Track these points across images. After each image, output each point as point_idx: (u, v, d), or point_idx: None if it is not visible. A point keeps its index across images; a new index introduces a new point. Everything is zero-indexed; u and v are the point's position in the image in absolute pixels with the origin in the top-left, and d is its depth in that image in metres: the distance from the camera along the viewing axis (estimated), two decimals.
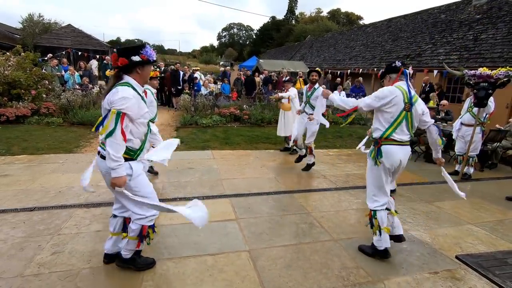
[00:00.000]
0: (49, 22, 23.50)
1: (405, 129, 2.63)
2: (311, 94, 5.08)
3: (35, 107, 8.02)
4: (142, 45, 2.19)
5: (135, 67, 2.17)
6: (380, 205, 2.77)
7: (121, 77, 2.17)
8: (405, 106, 2.58)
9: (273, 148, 6.86)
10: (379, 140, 2.68)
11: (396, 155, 2.63)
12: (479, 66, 7.33)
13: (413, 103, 2.60)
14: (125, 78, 2.17)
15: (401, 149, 2.64)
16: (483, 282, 2.46)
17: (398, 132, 2.62)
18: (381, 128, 2.66)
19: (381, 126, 2.67)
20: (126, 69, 2.17)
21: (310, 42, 26.19)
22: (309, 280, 2.44)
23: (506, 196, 4.46)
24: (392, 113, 2.59)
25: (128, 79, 2.18)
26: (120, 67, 2.14)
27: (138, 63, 2.16)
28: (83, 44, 19.34)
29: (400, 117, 2.59)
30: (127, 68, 2.16)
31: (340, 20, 45.09)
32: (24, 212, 3.36)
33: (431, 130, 2.73)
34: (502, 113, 7.74)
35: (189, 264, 2.56)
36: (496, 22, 10.22)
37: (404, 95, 2.58)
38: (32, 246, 2.71)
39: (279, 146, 6.88)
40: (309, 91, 5.10)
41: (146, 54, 2.17)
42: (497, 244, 3.14)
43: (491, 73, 4.67)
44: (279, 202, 3.98)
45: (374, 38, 17.03)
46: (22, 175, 4.49)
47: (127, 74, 2.18)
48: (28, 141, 6.19)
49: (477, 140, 5.21)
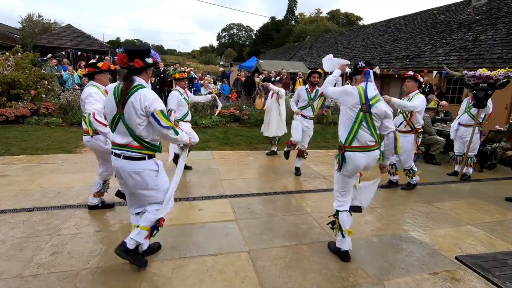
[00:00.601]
0: (49, 22, 23.50)
1: (367, 132, 2.58)
2: (314, 96, 4.84)
3: (35, 107, 8.01)
4: (149, 48, 2.27)
5: (146, 69, 2.23)
6: (342, 206, 2.76)
7: (133, 79, 2.17)
8: (362, 106, 2.54)
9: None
10: (342, 146, 2.66)
11: (359, 161, 2.61)
12: (479, 67, 7.34)
13: (371, 104, 2.54)
14: (137, 80, 2.18)
15: (365, 155, 2.60)
16: (482, 283, 2.46)
17: (361, 136, 2.57)
18: (344, 133, 2.64)
19: (344, 131, 2.65)
20: (137, 71, 2.19)
21: (310, 42, 26.21)
22: (309, 280, 2.44)
23: (506, 197, 4.46)
24: (349, 115, 2.59)
25: (141, 80, 2.21)
26: (133, 68, 2.16)
27: (150, 65, 2.23)
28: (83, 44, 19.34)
29: (358, 118, 2.55)
30: (138, 70, 2.18)
31: (339, 20, 45.15)
32: (23, 213, 3.35)
33: (390, 138, 2.67)
34: (501, 114, 7.76)
35: (189, 265, 2.55)
36: (495, 23, 10.25)
37: (361, 95, 2.54)
38: (31, 247, 2.71)
39: (278, 146, 6.86)
40: (312, 93, 4.85)
41: (155, 56, 2.29)
42: (496, 244, 3.14)
43: (490, 74, 4.67)
44: (279, 202, 3.98)
45: (374, 38, 17.05)
46: (21, 175, 4.48)
47: (137, 76, 2.20)
48: (27, 142, 6.18)
49: (476, 141, 5.21)
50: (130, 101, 2.11)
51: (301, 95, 4.93)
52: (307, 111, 4.94)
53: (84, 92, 3.09)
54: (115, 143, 2.25)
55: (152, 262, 2.57)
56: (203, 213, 3.54)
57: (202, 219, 3.40)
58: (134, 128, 2.17)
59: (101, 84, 3.21)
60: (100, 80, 3.23)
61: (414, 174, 4.59)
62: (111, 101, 2.20)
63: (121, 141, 2.22)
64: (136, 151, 2.22)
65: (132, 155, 2.22)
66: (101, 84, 3.21)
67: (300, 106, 4.96)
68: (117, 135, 2.25)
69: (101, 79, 3.24)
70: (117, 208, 3.58)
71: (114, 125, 2.23)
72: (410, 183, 4.67)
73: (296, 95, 5.04)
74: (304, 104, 4.93)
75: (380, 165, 2.81)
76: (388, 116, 2.62)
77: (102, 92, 3.12)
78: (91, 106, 2.97)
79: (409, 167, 4.58)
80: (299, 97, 4.99)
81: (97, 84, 3.19)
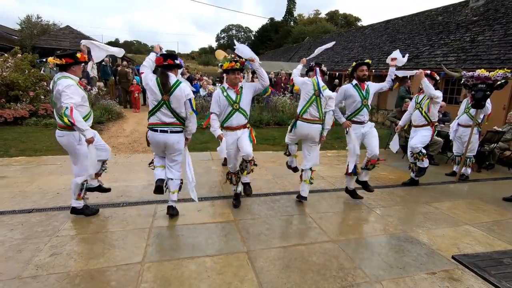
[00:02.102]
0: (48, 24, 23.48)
1: (315, 109, 3.64)
2: (367, 94, 3.86)
3: (33, 108, 8.01)
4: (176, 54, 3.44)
5: (175, 67, 3.17)
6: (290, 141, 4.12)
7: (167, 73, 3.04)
8: (315, 92, 3.64)
9: (271, 149, 6.87)
10: (297, 116, 3.75)
11: (304, 130, 3.71)
12: (476, 67, 7.37)
13: (321, 91, 3.63)
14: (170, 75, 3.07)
15: (310, 126, 3.66)
16: (479, 282, 2.47)
17: (310, 112, 3.64)
18: (300, 108, 3.73)
19: (301, 107, 3.73)
20: (170, 67, 3.10)
21: (309, 43, 26.27)
22: (307, 281, 2.44)
23: (503, 197, 4.48)
24: (306, 96, 3.69)
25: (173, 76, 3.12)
26: (166, 65, 3.08)
27: (178, 65, 3.22)
28: None
29: (311, 99, 3.65)
30: (171, 66, 3.12)
31: (338, 21, 45.24)
32: (22, 214, 3.35)
33: (329, 114, 3.70)
34: (499, 115, 7.78)
35: (188, 266, 2.56)
36: (493, 24, 10.30)
37: (314, 85, 3.67)
38: (30, 248, 2.71)
39: (278, 147, 6.88)
40: (363, 89, 3.86)
41: (180, 61, 3.29)
42: (494, 244, 3.15)
43: (489, 75, 4.70)
44: (277, 203, 3.99)
45: (372, 39, 17.10)
46: (20, 177, 4.48)
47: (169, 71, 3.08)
48: (26, 143, 6.17)
49: (474, 141, 5.24)
50: (176, 93, 3.01)
51: (352, 94, 3.86)
52: (362, 114, 3.89)
53: (61, 83, 2.91)
54: (163, 122, 3.08)
55: (151, 263, 2.57)
56: (202, 214, 3.55)
57: (201, 219, 3.41)
58: (178, 111, 3.08)
59: (75, 75, 3.08)
60: (75, 72, 3.09)
61: (423, 156, 4.56)
62: (155, 91, 3.00)
63: (168, 120, 3.08)
64: (178, 127, 3.15)
65: (176, 130, 3.14)
66: (75, 75, 3.08)
67: (352, 112, 3.91)
68: (162, 116, 3.06)
69: (76, 71, 3.10)
70: (114, 209, 3.59)
71: (158, 108, 3.04)
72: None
73: (341, 96, 3.99)
74: (357, 107, 3.87)
75: (321, 136, 3.76)
76: (331, 98, 3.69)
77: (77, 84, 3.03)
78: (69, 100, 2.82)
79: (418, 149, 4.53)
80: (346, 98, 3.98)
81: (71, 75, 3.05)
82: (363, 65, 3.86)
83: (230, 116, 3.41)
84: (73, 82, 2.99)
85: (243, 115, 3.46)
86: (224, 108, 3.42)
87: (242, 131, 3.49)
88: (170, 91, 2.98)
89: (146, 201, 3.83)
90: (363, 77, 3.85)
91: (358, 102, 3.85)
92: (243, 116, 3.47)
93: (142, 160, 5.61)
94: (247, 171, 3.51)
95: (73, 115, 2.77)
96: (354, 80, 3.94)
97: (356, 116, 3.91)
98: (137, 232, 3.08)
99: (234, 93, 3.43)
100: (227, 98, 3.39)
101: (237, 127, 3.45)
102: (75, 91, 2.94)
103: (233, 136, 3.44)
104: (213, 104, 3.45)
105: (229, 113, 3.41)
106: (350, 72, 4.01)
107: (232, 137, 3.44)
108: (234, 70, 3.38)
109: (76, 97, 2.91)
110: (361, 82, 3.88)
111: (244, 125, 3.52)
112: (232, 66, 3.37)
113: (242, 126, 3.49)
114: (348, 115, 3.97)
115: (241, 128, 3.48)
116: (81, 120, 2.84)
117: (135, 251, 2.75)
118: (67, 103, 2.80)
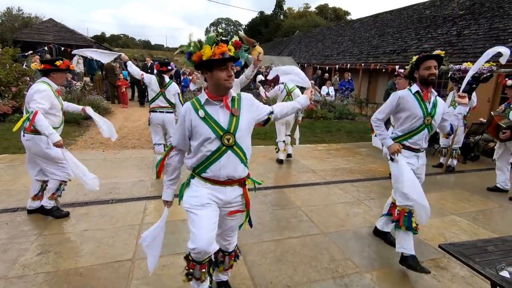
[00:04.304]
0: (29, 16, 22.66)
1: None
2: (433, 110, 2.52)
3: (16, 104, 7.74)
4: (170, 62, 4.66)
5: (168, 72, 4.46)
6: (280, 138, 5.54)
7: (163, 75, 4.37)
8: (287, 93, 5.15)
9: (263, 143, 6.87)
10: None
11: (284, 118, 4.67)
12: (463, 61, 7.51)
13: (291, 92, 5.14)
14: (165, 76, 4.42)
15: None
16: (465, 270, 2.56)
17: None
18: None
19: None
20: (164, 72, 4.39)
21: (299, 37, 26.21)
22: (299, 273, 2.47)
23: (488, 187, 4.62)
24: (282, 96, 5.21)
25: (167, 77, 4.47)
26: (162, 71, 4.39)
27: (170, 70, 4.50)
28: (66, 40, 18.71)
29: (285, 98, 5.14)
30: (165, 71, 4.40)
31: (328, 15, 45.25)
32: (6, 213, 3.26)
33: None
34: (484, 107, 7.98)
35: (179, 261, 2.54)
36: (478, 18, 10.48)
37: (286, 88, 5.18)
38: (16, 248, 2.64)
39: (269, 141, 6.89)
40: (427, 100, 2.51)
41: (172, 66, 4.59)
42: (478, 233, 3.26)
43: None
44: (269, 197, 4.00)
45: (361, 33, 17.19)
46: (3, 175, 4.35)
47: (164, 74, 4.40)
48: (9, 140, 5.98)
49: (460, 133, 5.36)
50: (169, 88, 4.39)
51: (410, 107, 2.51)
52: (421, 138, 2.55)
53: (33, 87, 2.87)
54: (160, 106, 4.35)
55: (142, 259, 2.55)
56: None
57: None
58: (171, 99, 4.40)
59: (55, 82, 3.02)
60: (55, 79, 3.03)
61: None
62: (156, 85, 4.34)
63: (164, 105, 4.37)
64: (170, 110, 4.42)
65: (169, 111, 4.42)
66: (55, 82, 3.02)
67: (406, 132, 2.57)
68: (160, 102, 4.35)
69: (57, 78, 3.04)
70: (103, 206, 3.53)
71: (157, 97, 4.35)
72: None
73: (393, 106, 2.60)
74: (414, 126, 2.52)
75: (297, 121, 5.54)
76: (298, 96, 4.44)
77: (53, 91, 2.97)
78: (36, 105, 2.75)
79: None
80: (399, 112, 2.60)
81: (50, 81, 2.99)
82: (430, 59, 2.44)
83: (216, 159, 1.73)
84: (46, 87, 2.91)
85: (240, 159, 1.77)
86: (200, 142, 1.71)
87: (236, 190, 1.84)
88: (165, 87, 4.37)
89: (136, 198, 3.78)
90: (429, 79, 2.44)
91: (418, 119, 2.50)
92: (240, 160, 1.78)
93: (131, 156, 5.53)
94: (224, 267, 2.11)
95: (35, 118, 2.67)
96: (415, 85, 2.57)
97: (410, 139, 2.56)
98: (127, 229, 3.04)
99: (225, 113, 1.74)
100: (209, 125, 1.70)
101: (227, 181, 1.78)
102: (46, 97, 2.85)
103: (217, 190, 1.79)
104: (176, 131, 1.84)
105: (213, 153, 1.72)
106: (408, 71, 2.65)
107: (214, 191, 1.79)
108: (225, 61, 1.65)
109: (45, 104, 2.82)
110: (426, 88, 2.51)
111: (242, 180, 1.84)
112: (223, 53, 1.61)
113: (238, 181, 1.83)
114: (398, 136, 2.63)
115: (234, 183, 1.82)
116: (45, 124, 2.71)
117: (125, 248, 2.71)
118: (33, 107, 2.74)
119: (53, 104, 2.95)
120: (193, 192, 1.82)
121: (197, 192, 1.80)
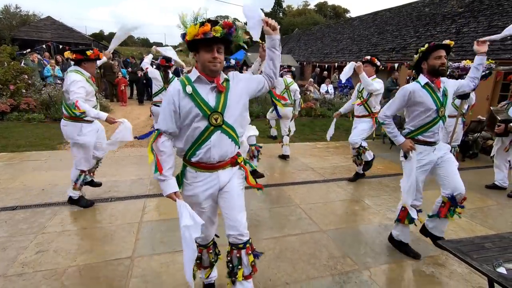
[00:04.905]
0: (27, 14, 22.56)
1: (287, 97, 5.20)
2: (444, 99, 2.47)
3: (15, 102, 7.72)
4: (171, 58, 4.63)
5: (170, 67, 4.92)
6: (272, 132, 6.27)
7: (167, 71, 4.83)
8: (285, 87, 5.34)
9: (261, 141, 6.86)
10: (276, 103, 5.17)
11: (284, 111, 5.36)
12: (462, 58, 7.50)
13: (290, 86, 5.35)
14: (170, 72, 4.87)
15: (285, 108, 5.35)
16: (463, 267, 2.57)
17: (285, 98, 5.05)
18: None
19: None
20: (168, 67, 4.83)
21: (298, 35, 26.13)
22: (298, 270, 2.48)
23: (486, 185, 4.64)
24: (280, 90, 5.35)
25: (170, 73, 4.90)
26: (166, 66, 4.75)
27: None
28: (64, 37, 18.63)
29: (283, 92, 5.33)
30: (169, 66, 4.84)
31: (327, 13, 45.15)
32: (5, 212, 3.26)
33: (297, 101, 5.56)
34: (483, 105, 7.99)
35: (178, 259, 2.55)
36: (477, 15, 10.47)
37: (285, 82, 5.36)
38: (15, 246, 2.64)
39: (269, 140, 6.88)
40: (439, 90, 2.45)
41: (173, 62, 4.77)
42: (476, 230, 3.28)
43: None
44: (268, 195, 4.00)
45: (361, 31, 17.15)
46: (2, 173, 4.34)
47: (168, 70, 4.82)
48: (8, 139, 5.97)
49: (459, 131, 5.37)
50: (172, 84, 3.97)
51: (421, 101, 2.43)
52: (435, 131, 2.49)
53: (69, 77, 3.04)
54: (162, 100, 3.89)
55: (141, 257, 2.55)
56: None
57: None
58: None
59: (86, 71, 3.18)
60: (86, 68, 3.20)
61: (365, 149, 4.39)
62: (160, 81, 4.71)
63: None
64: None
65: None
66: (86, 71, 3.18)
67: (419, 126, 2.51)
68: (163, 96, 4.41)
69: (88, 67, 3.20)
70: (102, 204, 3.53)
71: (161, 91, 4.73)
72: (358, 172, 4.63)
73: (403, 101, 2.51)
74: (427, 119, 2.46)
75: (294, 114, 5.57)
76: (297, 90, 5.48)
77: (87, 78, 3.14)
78: (74, 95, 2.94)
79: (357, 145, 4.37)
80: (410, 106, 2.51)
81: (82, 70, 3.16)
82: (439, 49, 2.37)
83: (205, 140, 1.69)
84: (81, 77, 3.07)
85: (231, 138, 1.75)
86: (188, 122, 1.67)
87: (228, 172, 1.83)
88: (168, 81, 4.70)
89: (135, 196, 3.78)
90: (440, 69, 2.36)
91: (431, 111, 2.42)
92: (231, 139, 1.75)
93: (130, 154, 5.53)
94: (243, 270, 1.85)
95: (80, 107, 2.89)
96: (422, 76, 2.47)
97: (425, 133, 2.49)
98: (126, 227, 3.05)
99: (213, 92, 1.69)
100: (195, 102, 1.65)
101: (219, 163, 1.77)
102: (81, 86, 3.02)
103: (210, 181, 1.79)
104: (162, 114, 1.72)
105: (202, 134, 1.68)
106: (415, 61, 2.52)
107: (207, 184, 1.79)
108: (211, 42, 1.60)
109: (82, 93, 3.01)
110: (436, 78, 2.42)
111: (233, 159, 1.83)
112: (205, 32, 1.55)
113: (230, 161, 1.81)
114: (411, 131, 2.55)
115: (226, 165, 1.80)
116: (90, 109, 2.96)
117: (124, 246, 2.72)
118: (72, 98, 2.96)
119: (88, 91, 3.13)
120: (189, 191, 1.84)
121: (193, 190, 1.82)
